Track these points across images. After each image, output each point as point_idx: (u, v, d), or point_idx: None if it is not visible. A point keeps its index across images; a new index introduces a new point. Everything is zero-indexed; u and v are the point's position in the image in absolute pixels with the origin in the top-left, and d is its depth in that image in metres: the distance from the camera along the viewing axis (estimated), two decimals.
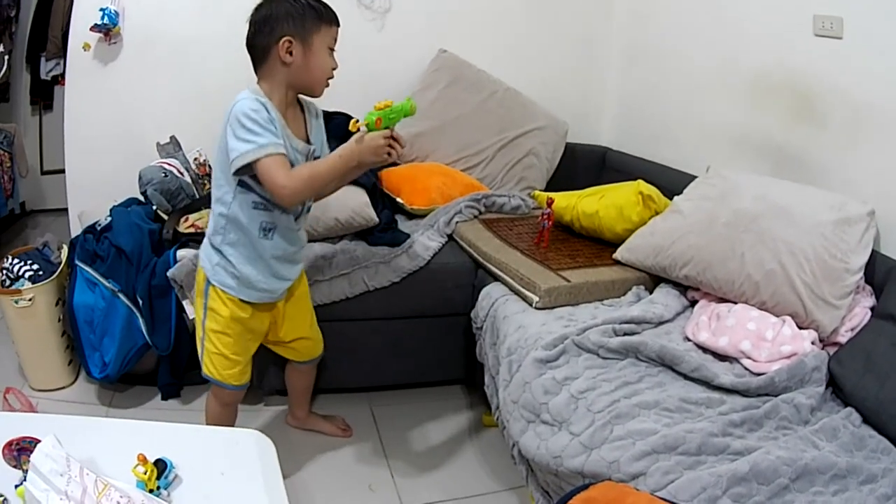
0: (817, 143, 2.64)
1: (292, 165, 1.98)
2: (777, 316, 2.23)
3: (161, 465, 1.41)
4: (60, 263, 2.89)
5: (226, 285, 2.12)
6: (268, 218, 2.07)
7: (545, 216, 2.76)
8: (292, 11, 1.98)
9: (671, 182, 2.90)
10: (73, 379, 2.97)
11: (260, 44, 2.00)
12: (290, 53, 1.97)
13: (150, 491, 1.36)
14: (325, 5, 2.04)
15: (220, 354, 2.19)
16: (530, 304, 2.39)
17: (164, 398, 2.88)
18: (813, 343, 2.16)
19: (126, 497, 1.30)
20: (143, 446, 1.40)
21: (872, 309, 2.26)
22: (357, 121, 1.98)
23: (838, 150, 2.56)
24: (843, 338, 2.20)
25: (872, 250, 2.30)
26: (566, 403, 1.92)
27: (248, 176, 1.98)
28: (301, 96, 2.13)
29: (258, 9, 2.01)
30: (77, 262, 2.75)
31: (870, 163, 2.44)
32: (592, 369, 2.04)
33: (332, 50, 2.04)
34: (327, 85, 2.07)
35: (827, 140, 2.60)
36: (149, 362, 2.82)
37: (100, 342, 2.72)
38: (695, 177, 2.76)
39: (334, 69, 2.05)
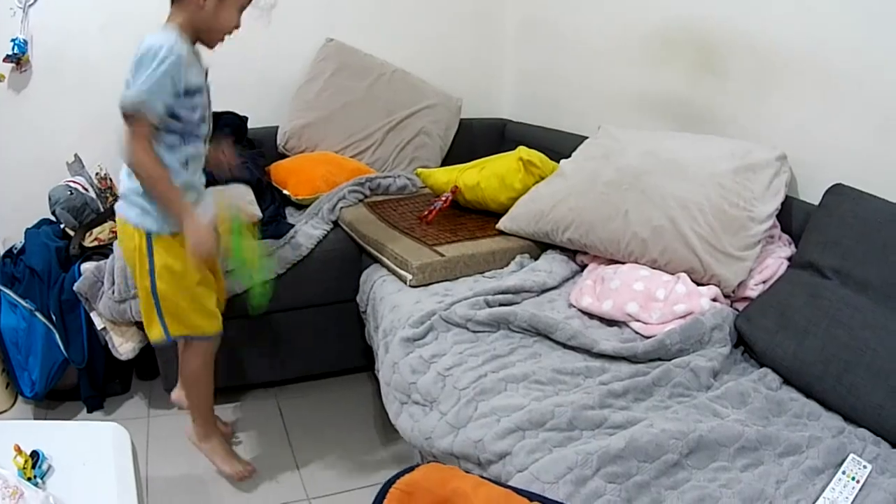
0: (724, 94, 2.55)
1: (205, 97, 2.13)
2: (672, 274, 2.10)
3: (35, 456, 1.54)
4: None
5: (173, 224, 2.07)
6: (186, 153, 2.09)
7: (445, 199, 2.68)
8: None
9: (572, 148, 2.72)
10: (13, 402, 2.95)
11: None
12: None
13: (28, 479, 1.49)
14: None
15: (188, 307, 2.17)
16: (405, 283, 2.28)
17: (90, 411, 2.90)
18: (715, 300, 2.01)
19: (3, 481, 1.43)
20: (21, 441, 1.55)
21: (791, 259, 2.10)
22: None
23: (747, 98, 2.46)
24: (753, 292, 2.06)
25: (788, 196, 2.18)
26: (433, 382, 1.81)
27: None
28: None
29: None
30: None
31: (781, 108, 2.34)
32: (461, 344, 1.91)
33: (240, 11, 2.12)
34: (222, 40, 2.13)
35: (734, 89, 2.51)
36: (72, 377, 2.87)
37: (26, 361, 2.79)
38: None
39: (236, 28, 2.13)
